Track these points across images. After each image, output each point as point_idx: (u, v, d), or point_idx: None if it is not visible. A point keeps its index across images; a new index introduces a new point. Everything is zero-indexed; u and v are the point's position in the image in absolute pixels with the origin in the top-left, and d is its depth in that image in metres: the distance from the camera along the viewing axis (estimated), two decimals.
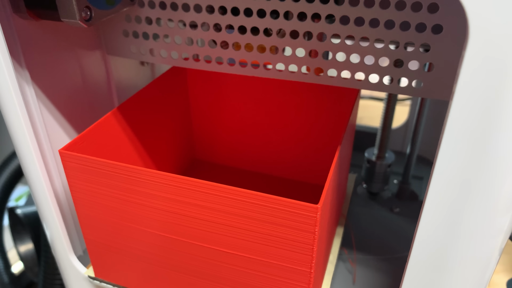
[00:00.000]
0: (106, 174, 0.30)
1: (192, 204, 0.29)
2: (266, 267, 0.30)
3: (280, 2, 0.30)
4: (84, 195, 0.32)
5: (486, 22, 0.19)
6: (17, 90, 0.29)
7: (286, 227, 0.27)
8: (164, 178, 0.28)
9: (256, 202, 0.27)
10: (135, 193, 0.30)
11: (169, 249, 0.32)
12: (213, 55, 0.34)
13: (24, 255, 0.65)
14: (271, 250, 0.29)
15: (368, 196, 0.51)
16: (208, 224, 0.29)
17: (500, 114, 0.20)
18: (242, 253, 0.30)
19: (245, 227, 0.28)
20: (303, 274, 0.29)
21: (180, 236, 0.31)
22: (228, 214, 0.28)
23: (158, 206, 0.30)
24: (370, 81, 0.31)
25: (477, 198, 0.23)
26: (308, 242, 0.27)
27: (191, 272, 0.33)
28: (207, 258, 0.31)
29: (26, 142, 0.32)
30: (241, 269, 0.31)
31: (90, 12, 0.28)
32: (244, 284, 0.31)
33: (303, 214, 0.26)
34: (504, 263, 0.54)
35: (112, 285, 0.37)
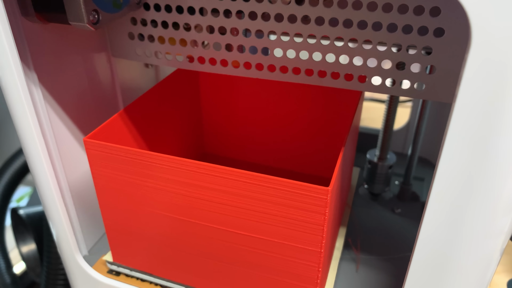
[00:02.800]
0: (127, 160, 0.32)
1: (208, 188, 0.31)
2: (279, 248, 0.31)
3: (284, 6, 0.30)
4: (106, 181, 0.34)
5: (489, 26, 0.19)
6: (26, 91, 0.30)
7: (298, 209, 0.29)
8: (182, 163, 0.30)
9: (270, 186, 0.29)
10: (154, 178, 0.32)
11: (185, 232, 0.34)
12: (218, 58, 0.34)
13: (27, 256, 0.65)
14: (283, 231, 0.30)
15: (369, 197, 0.52)
16: (223, 207, 0.31)
17: (502, 116, 0.21)
18: (256, 235, 0.31)
19: (259, 210, 0.30)
20: (314, 254, 0.30)
21: (196, 219, 0.33)
22: (242, 197, 0.30)
23: (176, 191, 0.32)
24: (373, 83, 0.31)
25: (479, 199, 0.24)
26: (319, 223, 0.29)
27: (206, 254, 0.35)
28: (221, 240, 0.33)
29: (33, 142, 0.32)
30: (254, 250, 0.32)
31: (98, 15, 0.29)
32: (257, 265, 0.33)
33: (314, 196, 0.28)
34: (504, 264, 0.55)
35: (130, 269, 0.39)
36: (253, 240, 0.32)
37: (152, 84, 0.50)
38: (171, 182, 0.31)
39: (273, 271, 0.33)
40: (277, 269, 0.33)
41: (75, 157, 0.39)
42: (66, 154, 0.38)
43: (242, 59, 0.34)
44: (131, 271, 0.39)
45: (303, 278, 0.32)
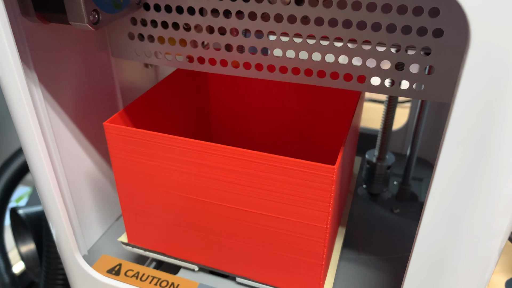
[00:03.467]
0: (144, 143, 0.34)
1: (221, 168, 0.32)
2: (287, 225, 0.33)
3: (283, 6, 0.30)
4: (124, 164, 0.36)
5: (487, 26, 0.19)
6: (26, 91, 0.30)
7: (306, 187, 0.30)
8: (196, 145, 0.32)
9: (279, 165, 0.30)
10: (170, 159, 0.34)
11: (199, 212, 0.36)
12: (218, 58, 0.34)
13: (26, 256, 0.65)
14: (292, 208, 0.32)
15: (368, 197, 0.52)
16: (234, 186, 0.33)
17: (500, 116, 0.21)
18: (266, 212, 0.33)
19: (269, 188, 0.32)
20: (320, 230, 0.32)
21: (209, 198, 0.35)
22: (253, 177, 0.32)
23: (190, 171, 0.34)
24: (372, 84, 0.32)
25: (477, 200, 0.24)
26: (325, 200, 0.30)
27: (218, 233, 0.36)
28: (233, 219, 0.35)
29: (33, 142, 0.32)
30: (265, 227, 0.34)
31: (98, 15, 0.29)
32: (267, 242, 0.35)
33: (321, 175, 0.30)
34: (503, 264, 0.55)
35: (144, 249, 0.41)
36: (263, 217, 0.34)
37: (152, 84, 0.50)
38: (186, 163, 0.33)
39: (282, 247, 0.34)
40: (286, 245, 0.34)
41: (75, 156, 0.39)
42: (66, 153, 0.38)
43: (242, 59, 0.34)
44: (145, 251, 0.41)
45: (311, 254, 0.34)
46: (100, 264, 0.39)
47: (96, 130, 0.42)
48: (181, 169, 0.34)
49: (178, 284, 0.37)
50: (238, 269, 0.38)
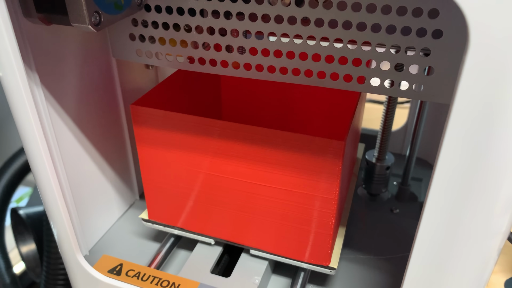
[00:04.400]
0: (168, 123, 0.36)
1: (237, 145, 0.35)
2: (299, 198, 0.36)
3: (283, 8, 0.30)
4: (148, 144, 0.38)
5: (486, 27, 0.19)
6: (28, 92, 0.30)
7: (317, 161, 0.33)
8: (215, 124, 0.35)
9: (291, 141, 0.33)
10: (191, 138, 0.37)
11: (216, 187, 0.38)
12: (218, 59, 0.35)
13: (26, 256, 0.65)
14: (303, 181, 0.35)
15: (368, 198, 0.52)
16: (251, 162, 0.36)
17: (499, 117, 0.21)
18: (279, 186, 0.36)
19: (281, 163, 0.34)
20: (329, 201, 0.35)
21: (227, 174, 0.37)
22: (267, 153, 0.35)
23: (209, 149, 0.36)
24: (372, 84, 0.32)
25: (476, 200, 0.24)
26: (334, 173, 0.33)
27: (233, 206, 0.39)
28: (248, 193, 0.37)
29: (35, 142, 0.32)
30: (277, 200, 0.37)
31: (100, 17, 0.29)
32: (279, 214, 0.37)
33: (331, 149, 0.32)
34: (502, 264, 0.55)
35: (163, 225, 0.43)
36: (276, 191, 0.36)
37: (153, 85, 0.50)
38: (206, 141, 0.36)
39: (294, 219, 0.37)
40: (298, 217, 0.37)
41: (76, 157, 0.39)
42: (67, 154, 0.38)
43: (242, 60, 0.34)
44: (164, 227, 0.43)
45: (320, 224, 0.36)
46: (101, 264, 0.39)
47: (97, 130, 0.42)
48: (201, 147, 0.37)
49: (179, 284, 0.37)
50: (252, 241, 0.41)
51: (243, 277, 0.39)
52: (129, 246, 0.45)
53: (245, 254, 0.42)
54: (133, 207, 0.51)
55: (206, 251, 0.42)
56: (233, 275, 0.40)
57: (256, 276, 0.39)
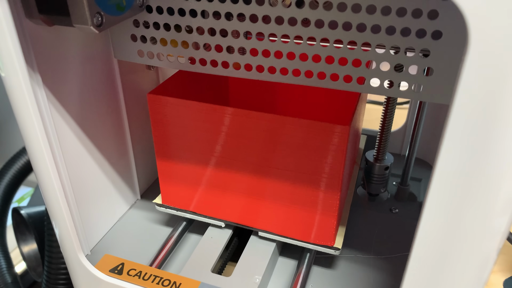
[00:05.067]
0: (183, 111, 0.38)
1: (248, 130, 0.37)
2: (306, 181, 0.38)
3: (284, 9, 0.30)
4: (163, 131, 0.40)
5: (486, 29, 0.19)
6: (30, 93, 0.30)
7: (324, 145, 0.35)
8: (227, 111, 0.37)
9: (299, 126, 0.35)
10: (204, 125, 0.38)
11: (227, 172, 0.40)
12: (219, 59, 0.35)
13: (28, 255, 0.65)
14: (310, 165, 0.37)
15: (367, 197, 0.52)
16: (260, 147, 0.38)
17: (499, 118, 0.21)
18: (286, 169, 0.38)
19: (289, 147, 0.37)
20: (334, 184, 0.37)
21: (238, 159, 0.39)
22: (276, 136, 0.37)
23: (222, 135, 0.38)
24: (371, 85, 0.32)
25: (476, 200, 0.24)
26: (339, 156, 0.35)
27: (242, 190, 0.41)
28: (258, 176, 0.39)
29: (37, 142, 0.32)
30: (285, 183, 0.39)
31: (102, 18, 0.29)
32: (287, 197, 0.39)
33: (337, 133, 0.34)
34: (500, 264, 0.55)
35: (176, 209, 0.45)
36: (285, 174, 0.38)
37: (154, 86, 0.51)
38: (218, 127, 0.38)
39: (301, 202, 0.39)
40: (305, 200, 0.39)
41: (78, 157, 0.40)
42: (69, 154, 0.38)
43: (243, 61, 0.34)
44: (177, 211, 0.45)
45: (326, 206, 0.38)
46: (103, 264, 0.40)
47: (99, 130, 0.42)
48: (213, 133, 0.39)
49: (180, 283, 0.38)
50: (260, 223, 0.43)
51: (244, 276, 0.40)
52: (131, 246, 0.45)
53: (254, 236, 0.44)
54: (134, 207, 0.51)
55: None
56: (233, 274, 0.40)
57: (257, 276, 0.40)
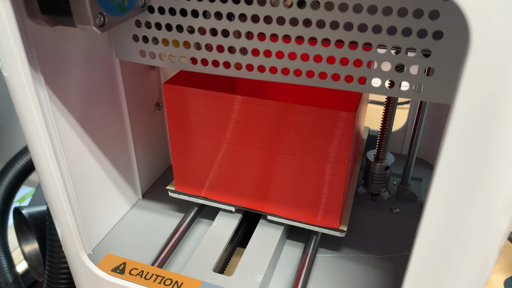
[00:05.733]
0: (197, 99, 0.40)
1: (259, 118, 0.39)
2: (314, 166, 0.39)
3: (285, 9, 0.31)
4: (178, 120, 0.42)
5: (488, 29, 0.19)
6: (33, 92, 0.30)
7: (331, 131, 0.37)
8: (237, 99, 0.39)
9: (308, 113, 0.37)
10: (216, 113, 0.40)
11: (238, 158, 0.42)
12: (221, 60, 0.35)
13: (29, 255, 0.65)
14: (317, 150, 0.38)
15: (368, 197, 0.52)
16: (270, 133, 0.39)
17: (500, 118, 0.21)
18: (295, 154, 0.40)
19: (297, 133, 0.38)
20: (340, 168, 0.38)
21: (249, 145, 0.41)
22: (286, 123, 0.38)
23: (233, 122, 0.40)
24: (373, 85, 0.32)
25: (477, 199, 0.24)
26: (346, 135, 0.37)
27: (253, 176, 0.43)
28: (267, 161, 0.41)
29: (40, 142, 0.33)
30: (293, 167, 0.40)
31: (104, 18, 0.29)
32: (295, 182, 0.41)
33: (343, 118, 0.36)
34: (501, 263, 0.55)
35: (188, 195, 0.47)
36: (294, 159, 0.40)
37: (155, 86, 0.51)
38: (230, 115, 0.40)
39: (308, 187, 0.41)
40: (312, 185, 0.40)
41: (80, 156, 0.40)
42: (71, 153, 0.38)
43: (245, 61, 0.34)
44: (189, 197, 0.47)
45: (331, 190, 0.40)
46: (105, 263, 0.40)
47: (100, 130, 0.42)
48: (225, 120, 0.40)
49: (181, 282, 0.38)
50: (269, 208, 0.44)
51: (245, 276, 0.40)
52: (132, 245, 0.46)
53: (263, 220, 0.46)
54: (135, 206, 0.51)
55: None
56: (235, 274, 0.40)
57: (258, 275, 0.40)
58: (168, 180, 0.56)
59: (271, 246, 0.43)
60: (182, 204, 0.51)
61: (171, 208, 0.51)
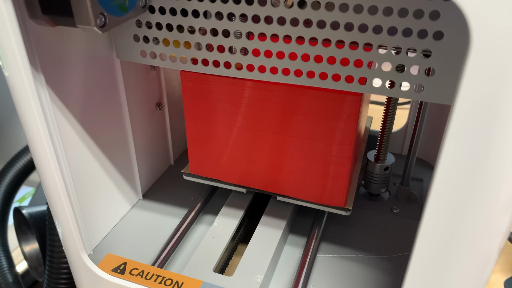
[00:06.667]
0: (212, 85, 0.42)
1: (269, 101, 0.41)
2: (321, 146, 0.41)
3: (287, 10, 0.31)
4: (194, 105, 0.44)
5: (488, 30, 0.20)
6: (34, 92, 0.30)
7: (338, 113, 0.38)
8: (251, 85, 0.40)
9: (316, 97, 0.39)
10: (230, 99, 0.42)
11: (251, 140, 0.44)
12: (222, 60, 0.35)
13: (29, 255, 0.66)
14: (325, 132, 0.40)
15: (368, 197, 0.52)
16: (281, 115, 0.41)
17: (501, 117, 0.21)
18: (305, 136, 0.41)
19: (307, 115, 0.40)
20: (346, 149, 0.40)
21: (260, 127, 0.43)
22: (295, 107, 0.40)
23: (245, 106, 0.42)
24: (373, 85, 0.32)
25: (477, 200, 0.24)
26: (352, 118, 0.38)
27: (264, 157, 0.44)
28: (277, 143, 0.43)
29: (40, 142, 0.33)
30: (302, 149, 0.42)
31: (105, 18, 0.29)
32: (303, 163, 0.43)
33: (349, 102, 0.38)
34: (501, 264, 0.55)
35: (202, 178, 0.49)
36: (302, 141, 0.42)
37: (156, 86, 0.51)
38: (242, 100, 0.41)
39: (316, 168, 0.42)
40: (320, 166, 0.42)
41: (81, 156, 0.40)
42: (72, 153, 0.38)
43: (245, 61, 0.34)
44: (203, 180, 0.49)
45: (338, 169, 0.42)
46: (105, 263, 0.40)
47: (101, 130, 0.42)
48: (238, 104, 0.42)
49: (182, 282, 0.38)
50: (278, 189, 0.46)
51: (246, 276, 0.40)
52: (133, 245, 0.46)
53: (273, 200, 0.49)
54: (136, 206, 0.51)
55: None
56: (235, 274, 0.40)
57: (259, 275, 0.40)
58: (168, 181, 0.56)
59: (271, 246, 0.43)
60: (183, 204, 0.51)
61: (172, 208, 0.51)
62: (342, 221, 0.49)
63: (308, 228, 0.48)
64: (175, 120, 0.57)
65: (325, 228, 0.47)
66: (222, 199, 0.51)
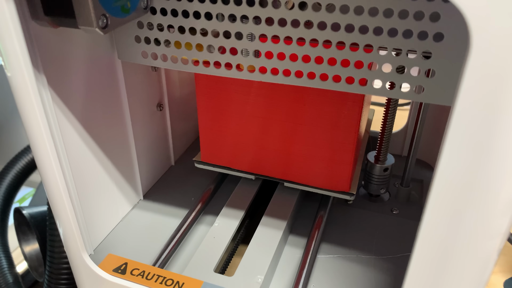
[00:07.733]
0: (226, 82, 0.44)
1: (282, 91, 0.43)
2: (326, 134, 0.43)
3: (287, 11, 0.31)
4: (207, 97, 0.46)
5: (488, 31, 0.20)
6: (36, 93, 0.31)
7: (345, 102, 0.41)
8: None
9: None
10: (240, 89, 0.44)
11: (260, 128, 0.46)
12: (223, 61, 0.35)
13: (29, 255, 0.66)
14: (333, 119, 0.42)
15: (368, 198, 0.52)
16: (290, 105, 0.43)
17: (500, 119, 0.21)
18: (312, 124, 0.43)
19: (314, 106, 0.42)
20: (352, 132, 0.42)
21: (269, 116, 0.45)
22: (303, 96, 0.42)
23: (259, 96, 0.44)
24: (374, 87, 0.32)
25: (477, 201, 0.24)
26: (357, 105, 0.41)
27: (273, 145, 0.47)
28: (286, 132, 0.45)
29: (42, 142, 0.33)
30: (309, 139, 0.45)
31: (107, 20, 0.30)
32: (310, 151, 0.45)
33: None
34: (501, 264, 0.55)
35: (213, 165, 0.51)
36: (310, 130, 0.44)
37: (157, 87, 0.51)
38: (257, 90, 0.44)
39: (323, 155, 0.45)
40: (326, 153, 0.45)
41: (82, 157, 0.40)
42: (73, 154, 0.38)
43: (246, 63, 0.34)
44: (214, 167, 0.51)
45: (342, 155, 0.44)
46: (106, 263, 0.40)
47: (102, 131, 0.42)
48: (247, 94, 0.44)
49: (183, 282, 0.38)
50: (285, 175, 0.48)
51: (246, 276, 0.40)
52: (134, 245, 0.46)
53: (280, 186, 0.51)
54: (137, 207, 0.51)
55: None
56: (236, 274, 0.40)
57: (259, 275, 0.40)
58: (169, 181, 0.56)
59: (272, 247, 0.43)
60: (183, 205, 0.52)
61: (172, 209, 0.51)
62: (343, 221, 0.49)
63: (314, 213, 0.50)
64: (176, 121, 0.57)
65: (326, 228, 0.48)
66: (224, 198, 0.51)
